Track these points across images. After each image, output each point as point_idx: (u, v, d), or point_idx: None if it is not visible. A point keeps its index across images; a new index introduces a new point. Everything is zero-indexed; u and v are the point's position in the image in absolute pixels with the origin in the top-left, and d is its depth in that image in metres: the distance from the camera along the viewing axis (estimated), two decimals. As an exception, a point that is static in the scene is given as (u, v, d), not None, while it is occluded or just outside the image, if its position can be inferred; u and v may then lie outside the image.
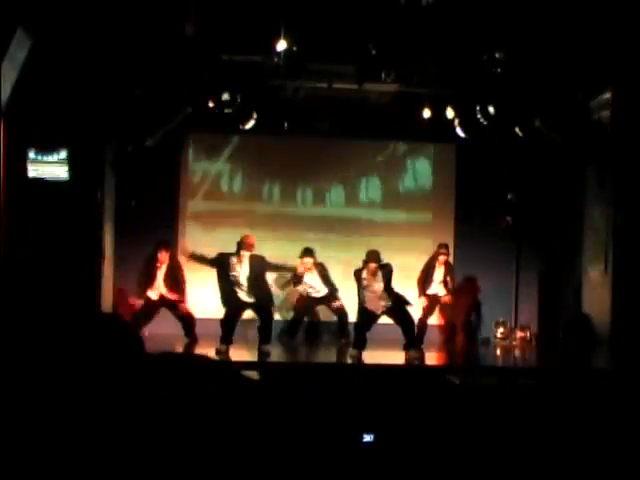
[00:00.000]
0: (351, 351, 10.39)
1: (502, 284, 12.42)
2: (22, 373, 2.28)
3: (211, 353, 9.56)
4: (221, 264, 10.30)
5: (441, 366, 10.90)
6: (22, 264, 9.62)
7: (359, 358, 10.19)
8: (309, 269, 11.12)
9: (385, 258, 10.37)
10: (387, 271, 10.21)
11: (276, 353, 11.26)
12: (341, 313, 11.48)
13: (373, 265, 10.12)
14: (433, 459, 3.96)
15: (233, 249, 10.48)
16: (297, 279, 11.17)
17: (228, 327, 10.20)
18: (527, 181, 12.22)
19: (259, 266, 10.27)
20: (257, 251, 10.45)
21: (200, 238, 11.93)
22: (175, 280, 10.91)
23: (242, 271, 10.21)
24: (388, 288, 10.22)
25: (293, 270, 11.20)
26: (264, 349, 10.20)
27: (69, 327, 2.30)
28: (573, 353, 10.79)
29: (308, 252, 11.12)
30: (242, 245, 10.24)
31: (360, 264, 10.51)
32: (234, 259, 10.19)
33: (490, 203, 12.16)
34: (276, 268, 11.08)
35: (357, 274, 10.28)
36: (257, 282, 10.25)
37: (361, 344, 10.32)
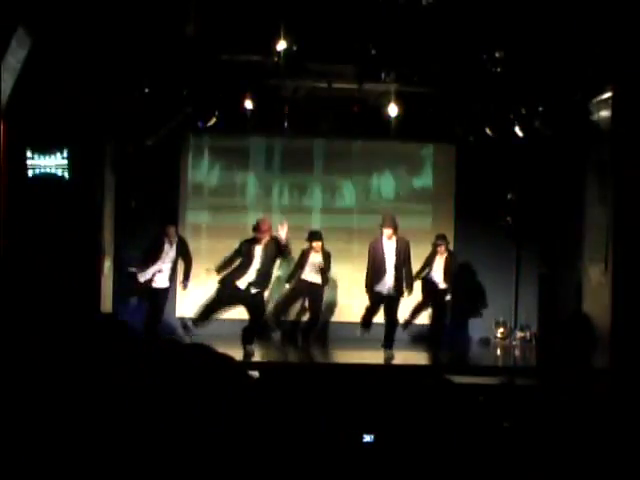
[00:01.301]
0: (386, 352, 10.40)
1: (502, 284, 12.42)
2: (21, 372, 2.28)
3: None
4: (246, 251, 10.25)
5: (441, 366, 10.89)
6: (22, 264, 9.61)
7: (390, 357, 10.26)
8: (317, 252, 11.10)
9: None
10: (403, 245, 10.31)
11: (275, 353, 11.28)
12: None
13: (388, 231, 10.21)
14: (433, 459, 3.95)
15: (233, 249, 10.50)
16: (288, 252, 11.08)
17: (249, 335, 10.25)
18: (527, 181, 12.22)
19: (275, 250, 10.31)
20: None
21: (201, 238, 11.93)
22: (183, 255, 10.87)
23: (260, 256, 10.19)
24: (402, 264, 10.26)
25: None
26: (249, 349, 10.13)
27: (69, 327, 2.30)
28: (573, 353, 10.78)
29: (317, 235, 11.12)
30: (259, 229, 10.19)
31: (361, 262, 10.59)
32: (256, 244, 10.15)
33: (490, 203, 12.17)
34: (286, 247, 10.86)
35: (371, 243, 10.41)
36: (266, 268, 10.26)
37: (387, 341, 10.36)
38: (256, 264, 10.12)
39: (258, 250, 10.12)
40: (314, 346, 11.44)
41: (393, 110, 10.87)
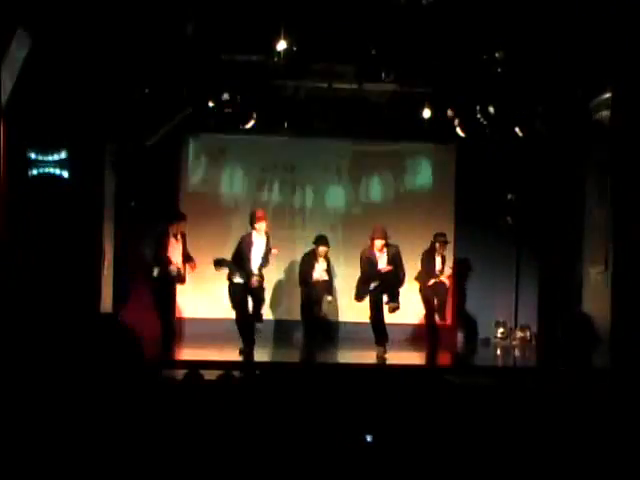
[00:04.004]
0: (381, 350, 10.37)
1: (502, 284, 12.42)
2: (22, 372, 2.28)
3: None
4: (244, 240, 10.43)
5: (441, 366, 10.89)
6: (22, 264, 9.61)
7: (382, 355, 10.23)
8: (322, 256, 11.19)
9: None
10: (394, 251, 10.28)
11: (275, 353, 11.29)
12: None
13: (380, 242, 10.20)
14: (432, 460, 3.96)
15: (232, 249, 10.55)
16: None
17: (246, 327, 10.34)
18: (527, 181, 12.22)
19: (267, 240, 10.47)
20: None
21: (200, 238, 11.92)
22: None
23: (259, 244, 10.38)
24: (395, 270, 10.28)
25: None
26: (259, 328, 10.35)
27: (69, 327, 2.30)
28: (573, 353, 10.77)
29: (324, 240, 11.17)
30: (254, 219, 10.36)
31: (357, 262, 10.57)
32: (254, 234, 10.34)
33: (490, 203, 12.18)
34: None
35: (363, 253, 10.38)
36: (267, 256, 10.44)
37: (380, 338, 10.33)
38: (257, 252, 10.34)
39: (257, 239, 10.36)
40: (314, 346, 11.44)
41: (394, 110, 10.87)
